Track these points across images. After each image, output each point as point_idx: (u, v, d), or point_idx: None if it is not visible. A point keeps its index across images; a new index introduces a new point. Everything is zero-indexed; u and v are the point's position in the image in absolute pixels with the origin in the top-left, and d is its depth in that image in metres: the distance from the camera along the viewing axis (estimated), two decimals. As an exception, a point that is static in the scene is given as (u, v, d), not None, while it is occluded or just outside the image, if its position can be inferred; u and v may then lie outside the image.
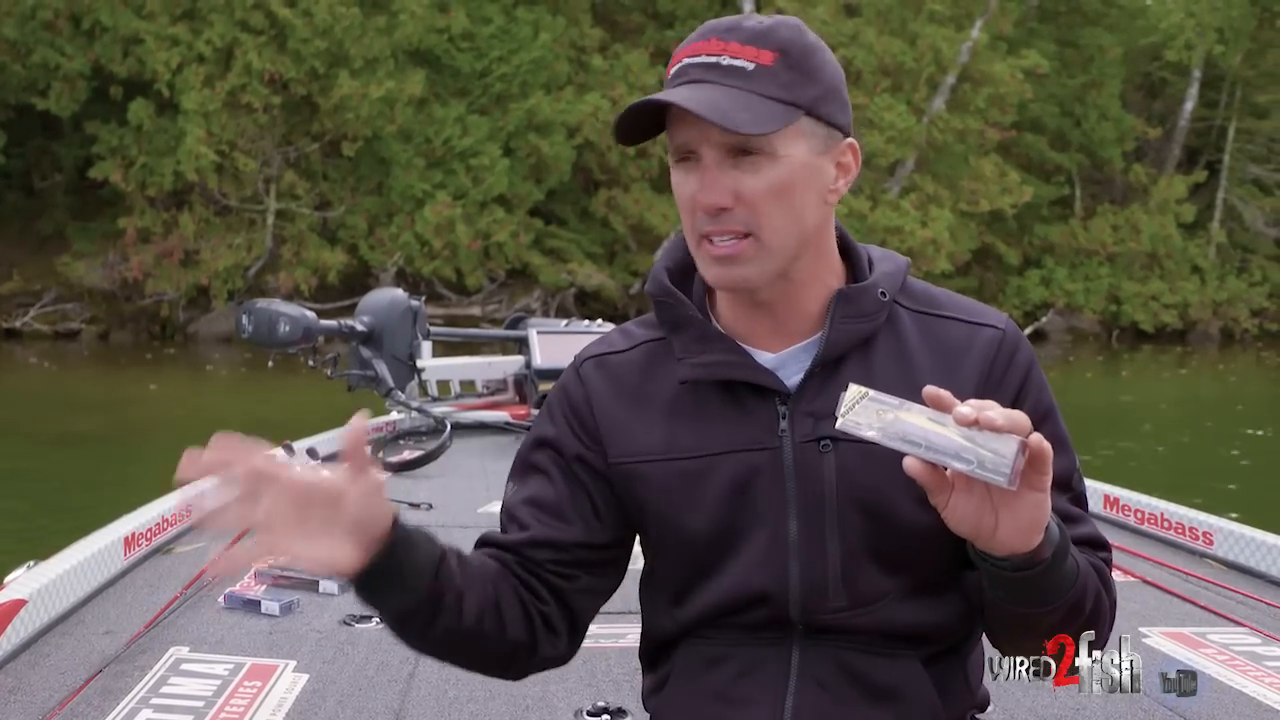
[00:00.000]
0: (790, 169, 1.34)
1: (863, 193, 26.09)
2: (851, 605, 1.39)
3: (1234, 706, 2.33)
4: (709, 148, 1.33)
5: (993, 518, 1.22)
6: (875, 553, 1.38)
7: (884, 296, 1.43)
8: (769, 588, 1.39)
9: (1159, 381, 20.50)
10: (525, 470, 1.51)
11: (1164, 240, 29.14)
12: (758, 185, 1.33)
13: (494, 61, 25.02)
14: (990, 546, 1.24)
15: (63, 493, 8.20)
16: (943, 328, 1.44)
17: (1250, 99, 31.31)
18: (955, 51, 27.08)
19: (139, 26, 22.91)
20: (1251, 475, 9.95)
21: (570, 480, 1.47)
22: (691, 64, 1.35)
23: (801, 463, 1.39)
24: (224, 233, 23.94)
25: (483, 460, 5.45)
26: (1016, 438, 1.16)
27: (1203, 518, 3.65)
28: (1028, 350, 1.45)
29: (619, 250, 26.39)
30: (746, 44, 1.33)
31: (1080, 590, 1.32)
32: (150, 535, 3.38)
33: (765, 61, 1.33)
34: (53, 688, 2.31)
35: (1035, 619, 1.32)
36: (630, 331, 1.53)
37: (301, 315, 5.24)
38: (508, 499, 1.50)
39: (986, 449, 1.16)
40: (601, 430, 1.46)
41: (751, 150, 1.32)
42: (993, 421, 1.16)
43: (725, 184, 1.33)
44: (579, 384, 1.50)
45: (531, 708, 2.29)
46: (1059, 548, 1.27)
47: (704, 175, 1.34)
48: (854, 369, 1.40)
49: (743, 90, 1.31)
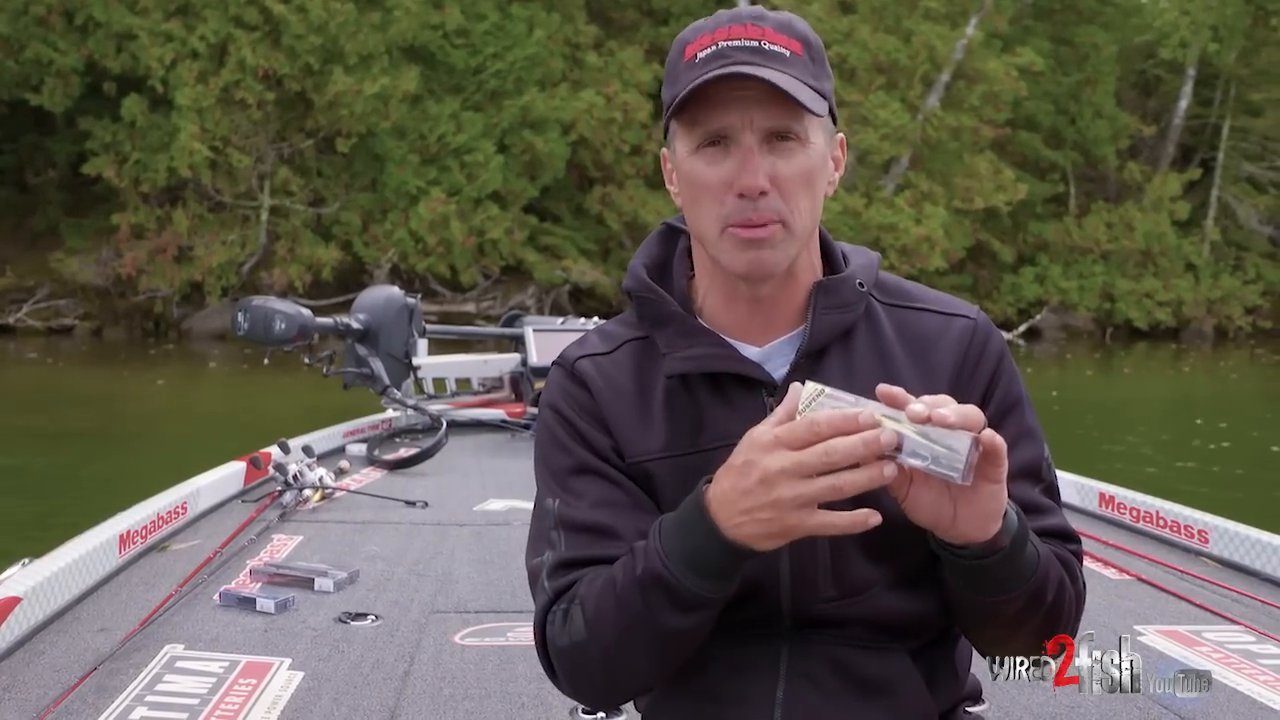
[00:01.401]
0: (817, 157, 1.37)
1: (857, 190, 26.10)
2: (841, 596, 1.40)
3: (1229, 705, 2.33)
4: (751, 131, 1.34)
5: (950, 508, 1.23)
6: (862, 542, 1.38)
7: (862, 287, 1.45)
8: (761, 580, 1.39)
9: (1154, 379, 20.53)
10: (568, 475, 1.44)
11: (1158, 238, 29.18)
12: (792, 171, 1.35)
13: (488, 58, 25.00)
14: (950, 536, 1.26)
15: (57, 490, 8.18)
16: (917, 319, 1.46)
17: (1244, 97, 31.35)
18: (950, 49, 27.09)
19: (132, 22, 22.87)
20: (1247, 473, 9.97)
21: (622, 474, 1.43)
22: (731, 46, 1.34)
23: None
24: (218, 229, 23.91)
25: (478, 458, 5.45)
26: (969, 434, 1.17)
27: (1198, 516, 3.66)
28: (999, 340, 1.47)
29: (613, 247, 26.38)
30: (779, 31, 1.36)
31: (1041, 579, 1.33)
32: (145, 533, 3.38)
33: (797, 51, 1.36)
34: (47, 685, 2.30)
35: (995, 607, 1.33)
36: (609, 332, 1.51)
37: (297, 313, 5.23)
38: (564, 512, 1.42)
39: (940, 445, 1.17)
40: (612, 428, 1.45)
41: (787, 136, 1.34)
42: (945, 419, 1.17)
43: (764, 167, 1.34)
44: (579, 384, 1.47)
45: (527, 705, 2.28)
46: (1016, 536, 1.29)
47: (745, 158, 1.34)
48: (836, 361, 1.42)
49: (789, 74, 1.33)
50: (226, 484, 4.20)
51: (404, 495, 4.33)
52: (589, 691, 1.43)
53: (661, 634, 1.31)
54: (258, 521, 3.79)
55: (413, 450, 5.22)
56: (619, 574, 1.33)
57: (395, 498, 4.28)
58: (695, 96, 1.33)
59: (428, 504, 4.26)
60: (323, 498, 4.22)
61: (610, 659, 1.35)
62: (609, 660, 1.35)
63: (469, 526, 3.96)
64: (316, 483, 4.21)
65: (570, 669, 1.38)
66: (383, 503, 4.24)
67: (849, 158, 18.68)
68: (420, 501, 4.27)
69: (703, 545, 1.25)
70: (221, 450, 5.02)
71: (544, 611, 1.40)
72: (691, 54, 1.36)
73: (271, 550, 3.47)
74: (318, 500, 4.18)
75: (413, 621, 2.81)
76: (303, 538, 3.65)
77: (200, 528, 3.74)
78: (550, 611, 1.39)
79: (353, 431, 5.60)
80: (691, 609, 1.29)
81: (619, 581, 1.33)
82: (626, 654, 1.34)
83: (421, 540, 3.71)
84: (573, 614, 1.36)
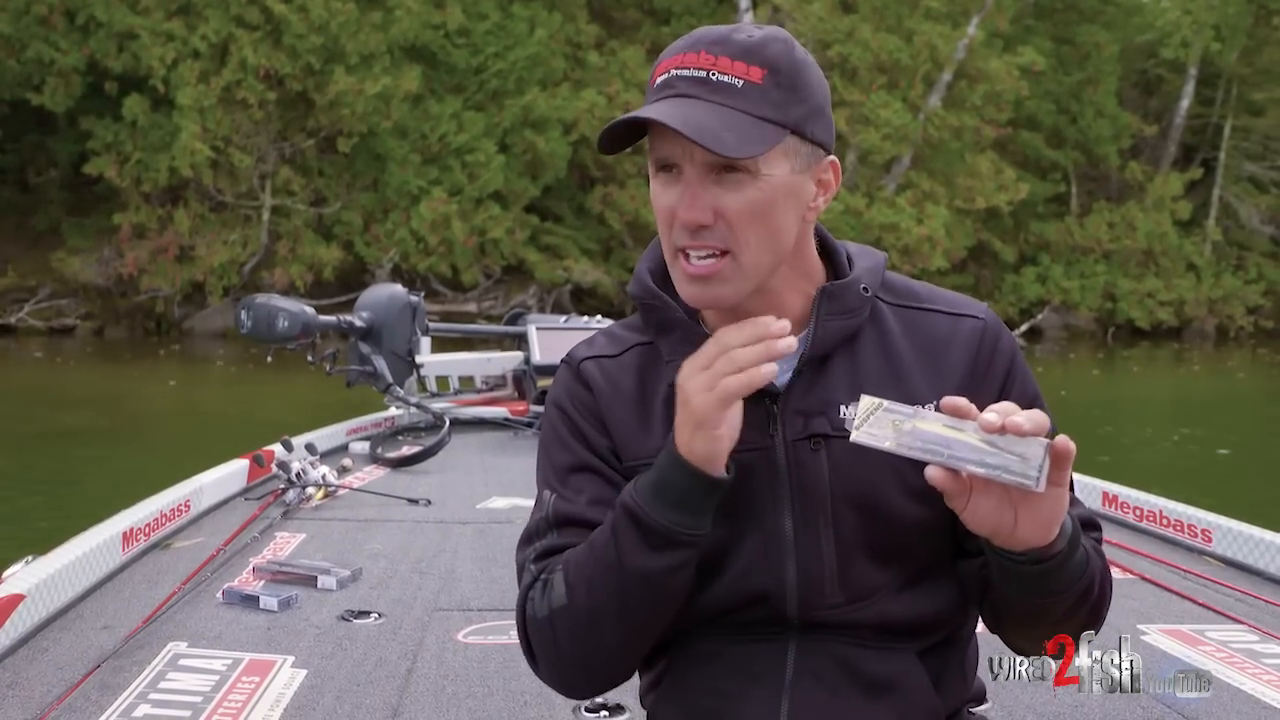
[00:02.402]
0: (772, 189, 1.33)
1: (859, 189, 26.10)
2: (848, 601, 1.39)
3: (1232, 704, 2.33)
4: (691, 164, 1.32)
5: (1011, 515, 1.23)
6: (869, 547, 1.39)
7: (866, 292, 1.43)
8: (767, 587, 1.39)
9: (1157, 378, 20.51)
10: (567, 473, 1.46)
11: (1160, 237, 29.16)
12: (738, 204, 1.31)
13: (490, 58, 24.99)
14: (1009, 544, 1.25)
15: (60, 488, 8.18)
16: (925, 320, 1.44)
17: (1246, 96, 31.34)
18: (951, 48, 27.07)
19: (134, 22, 22.86)
20: (1251, 472, 9.97)
21: (618, 475, 1.44)
22: (679, 76, 1.32)
23: (794, 461, 1.39)
24: (219, 229, 23.91)
25: (481, 456, 5.45)
26: (1043, 440, 1.16)
27: (1202, 515, 3.66)
28: (1010, 339, 1.46)
29: (615, 246, 26.38)
30: (737, 59, 1.31)
31: (1090, 577, 1.34)
32: (149, 530, 3.38)
33: (754, 79, 1.31)
34: (51, 683, 2.30)
35: (1048, 607, 1.33)
36: (617, 335, 1.52)
37: (301, 311, 5.24)
38: (561, 509, 1.44)
39: (1011, 453, 1.16)
40: (611, 430, 1.46)
41: (734, 168, 1.31)
42: (1020, 427, 1.17)
43: (706, 200, 1.31)
44: (582, 384, 1.48)
45: (530, 703, 2.28)
46: (1072, 538, 1.29)
47: (685, 191, 1.32)
48: (841, 365, 1.41)
49: (730, 108, 1.30)
50: (230, 482, 4.20)
51: (407, 493, 4.33)
52: (561, 667, 1.42)
53: (633, 581, 1.32)
54: (261, 519, 3.79)
55: (416, 448, 5.22)
56: (597, 533, 1.36)
57: (398, 495, 4.28)
58: (651, 125, 1.31)
59: (430, 502, 4.26)
60: (326, 495, 4.22)
61: (582, 625, 1.35)
62: (581, 626, 1.36)
63: (472, 524, 3.96)
64: (319, 480, 4.21)
65: (545, 644, 1.39)
66: (386, 500, 4.24)
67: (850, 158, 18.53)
68: (423, 499, 4.27)
69: (667, 473, 1.30)
70: (224, 448, 5.03)
71: (526, 590, 1.42)
72: (654, 77, 1.35)
73: (274, 548, 3.47)
74: (321, 498, 4.18)
75: (416, 619, 2.81)
76: (306, 535, 3.65)
77: (203, 525, 3.74)
78: (531, 589, 1.40)
79: (356, 429, 5.60)
80: (662, 547, 1.30)
81: (595, 538, 1.35)
82: (598, 616, 1.35)
83: (424, 538, 3.71)
84: (553, 581, 1.38)
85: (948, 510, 1.38)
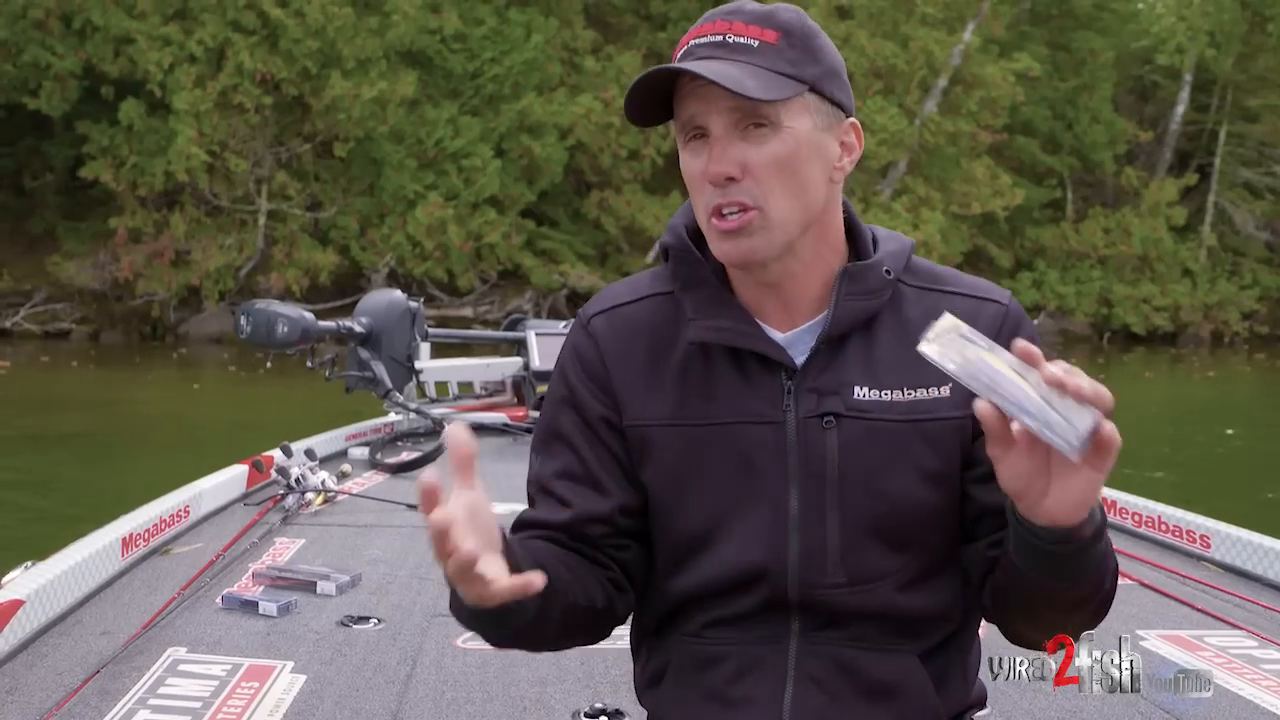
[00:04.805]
0: (796, 141, 1.36)
1: (854, 195, 26.12)
2: (850, 583, 1.39)
3: (1231, 709, 2.33)
4: (717, 118, 1.35)
5: (1045, 483, 1.21)
6: (875, 530, 1.39)
7: (889, 274, 1.44)
8: (768, 562, 1.39)
9: (1155, 382, 20.53)
10: (550, 439, 1.48)
11: (1155, 243, 29.24)
12: (764, 156, 1.35)
13: (486, 63, 25.01)
14: (1033, 513, 1.23)
15: (60, 493, 8.17)
16: (946, 302, 1.43)
17: (1241, 103, 31.40)
18: (947, 54, 27.14)
19: (130, 26, 22.86)
20: (1249, 478, 9.98)
21: (598, 445, 1.45)
22: (698, 43, 1.37)
23: (804, 438, 1.39)
24: (215, 233, 23.91)
25: (480, 461, 5.43)
26: (1096, 411, 1.15)
27: (1200, 520, 3.66)
28: (1030, 327, 1.46)
29: (611, 252, 26.40)
30: (750, 23, 1.36)
31: (1104, 571, 1.32)
32: (148, 536, 3.37)
33: (770, 39, 1.36)
34: (50, 688, 2.30)
35: (1058, 593, 1.31)
36: (637, 284, 1.52)
37: (300, 316, 5.22)
38: (538, 472, 1.49)
39: (1062, 413, 1.14)
40: (616, 389, 1.46)
41: (759, 122, 1.34)
42: (1080, 389, 1.14)
43: (733, 155, 1.35)
44: (590, 342, 1.48)
45: (529, 709, 2.28)
46: (1098, 530, 1.27)
47: (713, 147, 1.36)
48: (857, 346, 1.41)
49: (749, 63, 1.34)
50: (229, 487, 4.19)
51: (406, 499, 4.31)
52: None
53: (500, 634, 1.38)
54: (260, 525, 3.78)
55: (415, 454, 5.21)
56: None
57: (398, 501, 4.27)
58: (678, 93, 1.37)
59: None
60: (325, 501, 4.21)
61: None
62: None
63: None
64: (319, 486, 4.20)
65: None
66: (385, 506, 4.23)
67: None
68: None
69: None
70: (224, 454, 5.02)
71: None
72: (674, 55, 1.40)
73: (274, 553, 3.47)
74: (320, 503, 4.17)
75: (415, 625, 2.80)
76: (305, 541, 3.65)
77: (203, 531, 3.74)
78: None
79: (355, 435, 5.59)
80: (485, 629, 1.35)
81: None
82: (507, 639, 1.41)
83: (424, 544, 3.69)
84: None
85: (957, 497, 1.37)
